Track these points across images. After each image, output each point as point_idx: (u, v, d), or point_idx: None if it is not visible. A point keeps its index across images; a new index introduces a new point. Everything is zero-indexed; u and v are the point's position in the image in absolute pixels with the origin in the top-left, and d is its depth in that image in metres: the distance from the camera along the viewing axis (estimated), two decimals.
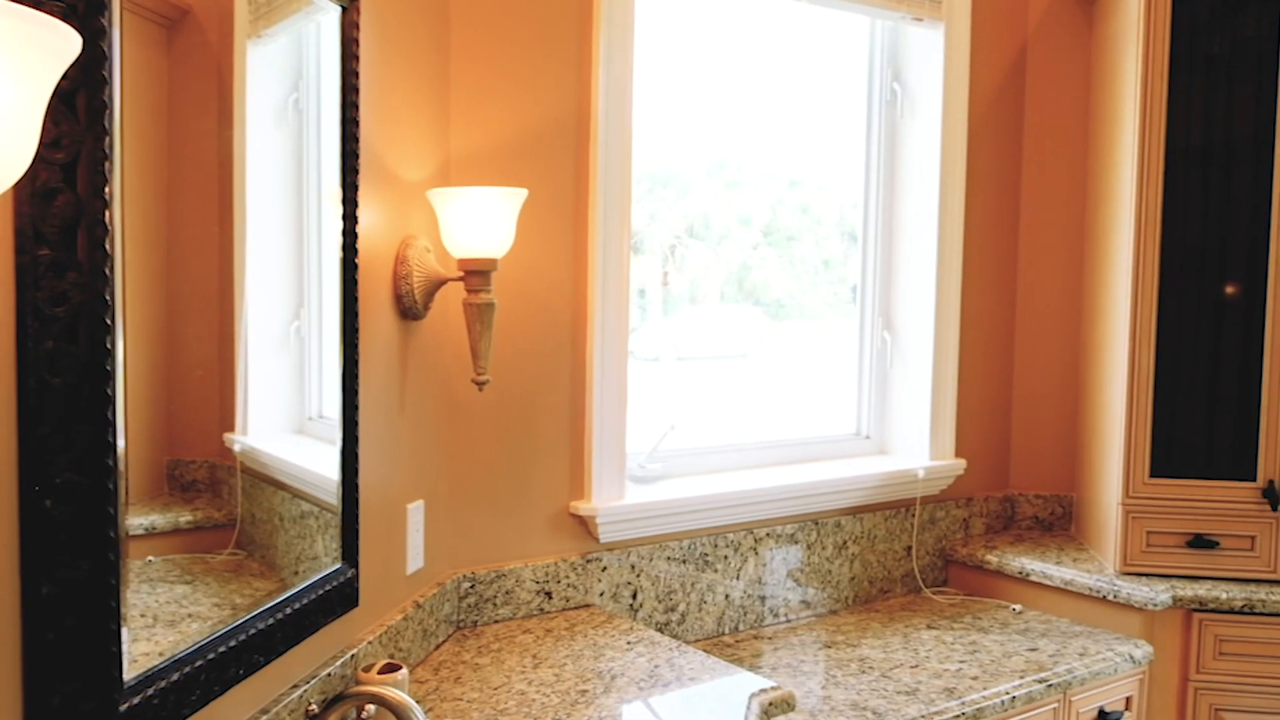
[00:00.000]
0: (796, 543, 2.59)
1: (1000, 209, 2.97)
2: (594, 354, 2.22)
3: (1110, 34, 2.74)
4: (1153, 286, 2.51)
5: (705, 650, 2.32)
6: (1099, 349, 2.78)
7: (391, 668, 1.64)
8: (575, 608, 2.25)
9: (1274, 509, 2.50)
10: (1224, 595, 2.45)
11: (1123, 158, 2.59)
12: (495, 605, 2.15)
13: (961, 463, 2.85)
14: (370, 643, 1.73)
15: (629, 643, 2.05)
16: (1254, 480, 2.51)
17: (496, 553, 2.17)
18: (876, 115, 2.83)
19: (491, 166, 2.09)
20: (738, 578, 2.49)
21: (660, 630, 2.36)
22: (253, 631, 1.37)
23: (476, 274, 1.83)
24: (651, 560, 2.34)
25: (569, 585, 2.24)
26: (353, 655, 1.67)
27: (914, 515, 2.81)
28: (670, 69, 2.61)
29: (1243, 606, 2.44)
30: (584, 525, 2.26)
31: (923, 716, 2.03)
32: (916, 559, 2.84)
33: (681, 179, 2.79)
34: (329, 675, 1.59)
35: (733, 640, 2.45)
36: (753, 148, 2.88)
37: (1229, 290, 2.57)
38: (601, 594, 2.28)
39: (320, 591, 1.57)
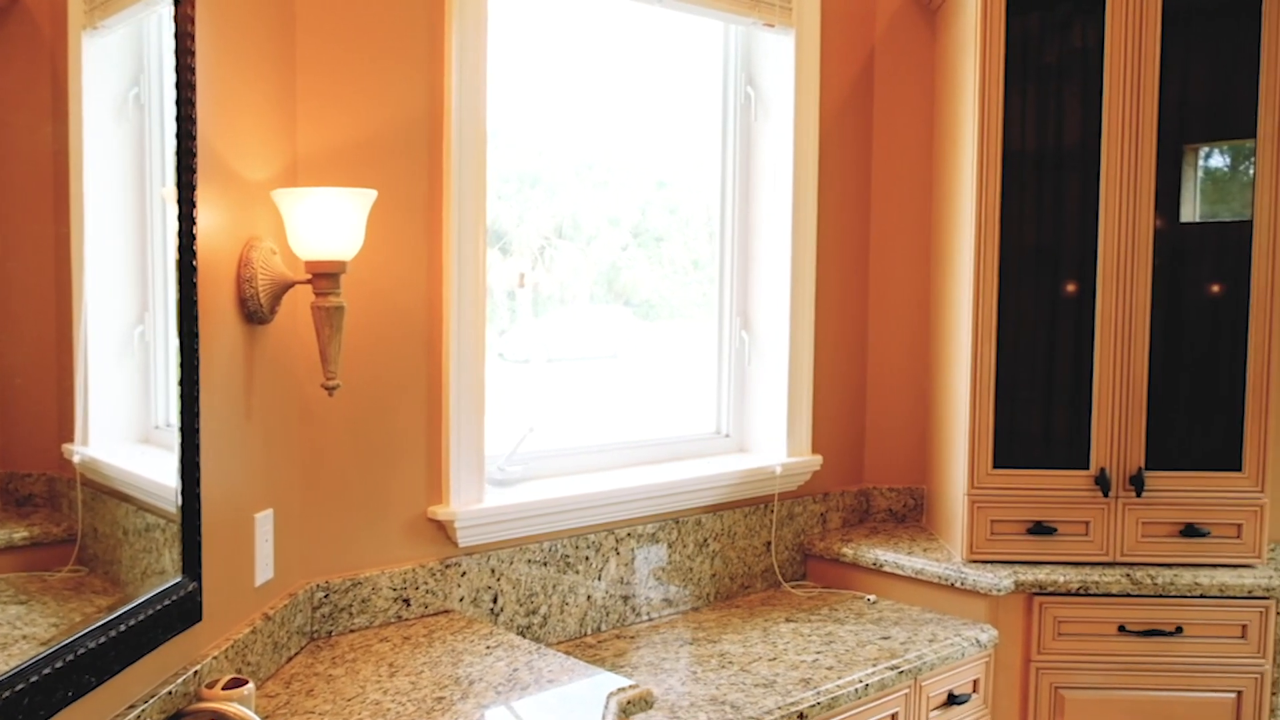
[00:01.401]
0: (658, 542, 2.61)
1: (851, 210, 3.06)
2: (450, 356, 2.19)
3: (951, 43, 2.86)
4: (992, 286, 2.63)
5: (567, 652, 2.32)
6: (945, 346, 2.89)
7: (237, 683, 1.59)
8: (434, 614, 2.22)
9: (1105, 495, 2.64)
10: (1061, 578, 2.58)
11: (963, 161, 2.71)
12: (351, 614, 2.11)
13: (818, 459, 2.93)
14: (215, 658, 1.67)
15: (488, 647, 2.03)
16: (1087, 469, 2.65)
17: (352, 560, 2.13)
18: (731, 118, 2.88)
19: (342, 167, 2.04)
20: (600, 578, 2.50)
21: (522, 633, 2.35)
22: (82, 651, 1.31)
23: (325, 276, 1.79)
24: (512, 563, 2.33)
25: (428, 591, 2.21)
26: (196, 672, 1.61)
27: (773, 511, 2.87)
28: (537, 71, 2.61)
29: (1079, 588, 2.57)
30: (442, 530, 2.23)
31: (779, 708, 2.08)
32: (776, 554, 2.90)
33: (550, 180, 2.79)
34: (169, 694, 1.53)
35: (595, 641, 2.46)
36: (621, 149, 2.89)
37: (1063, 288, 2.71)
38: (461, 599, 2.26)
39: (159, 606, 1.50)
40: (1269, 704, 2.59)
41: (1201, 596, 2.58)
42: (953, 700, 2.47)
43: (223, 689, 1.57)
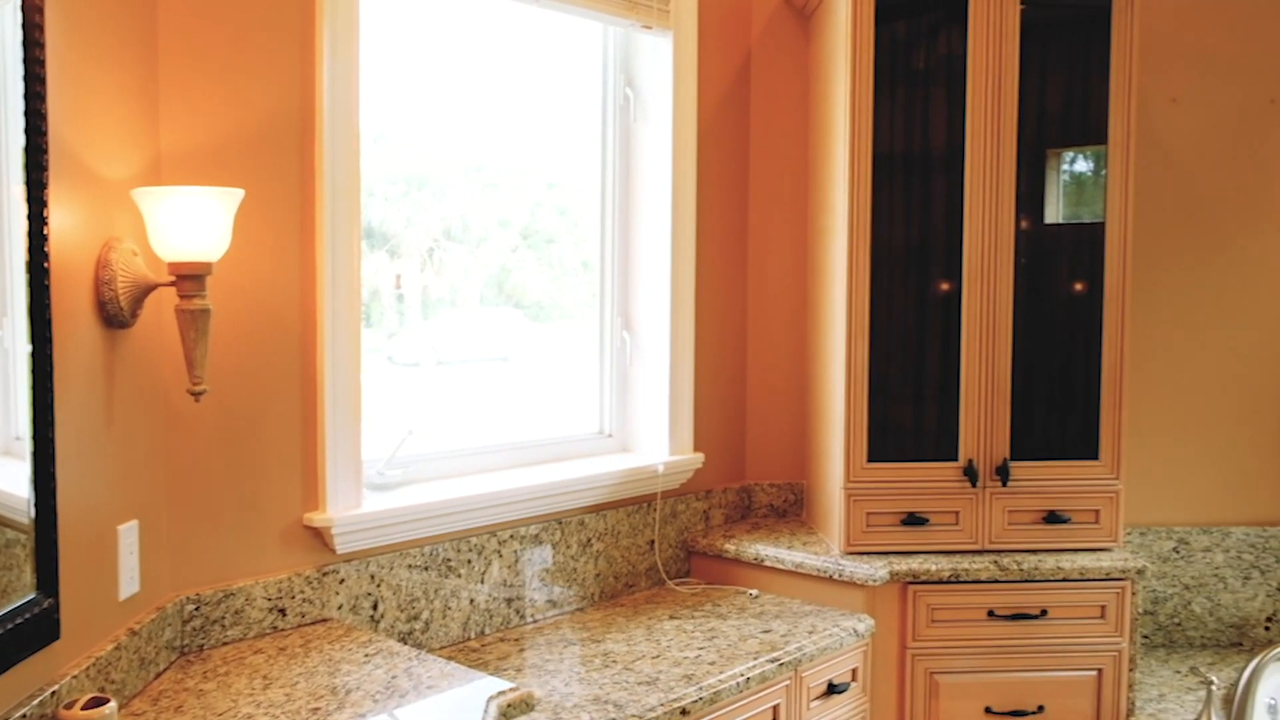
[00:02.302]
0: (541, 543, 2.61)
1: (730, 211, 3.10)
2: (325, 359, 2.15)
3: (823, 47, 2.93)
4: (865, 285, 2.70)
5: (450, 657, 2.30)
6: (821, 344, 2.96)
7: (98, 701, 1.52)
8: (312, 623, 2.17)
9: (974, 486, 2.74)
10: (934, 567, 2.66)
11: (835, 163, 2.77)
12: (223, 627, 2.05)
13: (700, 456, 2.97)
14: (75, 677, 1.60)
15: (367, 655, 2.00)
16: (956, 460, 2.75)
17: (224, 571, 2.06)
18: (611, 119, 2.90)
19: (208, 165, 1.98)
20: (482, 581, 2.48)
21: (404, 640, 2.32)
22: None
23: (189, 279, 1.73)
24: (392, 569, 2.29)
25: (304, 600, 2.16)
26: (53, 692, 1.54)
27: (656, 510, 2.89)
28: (424, 72, 2.57)
29: (950, 576, 2.66)
30: (319, 537, 2.18)
31: (662, 705, 2.09)
32: (660, 552, 2.92)
33: (439, 181, 2.75)
34: (23, 716, 1.46)
35: (479, 645, 2.44)
36: (511, 151, 2.88)
37: (932, 287, 2.79)
38: (340, 607, 2.21)
39: (11, 625, 1.43)
40: (1127, 679, 2.72)
41: (1064, 580, 2.69)
42: (832, 690, 2.53)
43: (82, 709, 1.51)
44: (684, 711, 2.11)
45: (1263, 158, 3.20)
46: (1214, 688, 2.70)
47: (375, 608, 2.27)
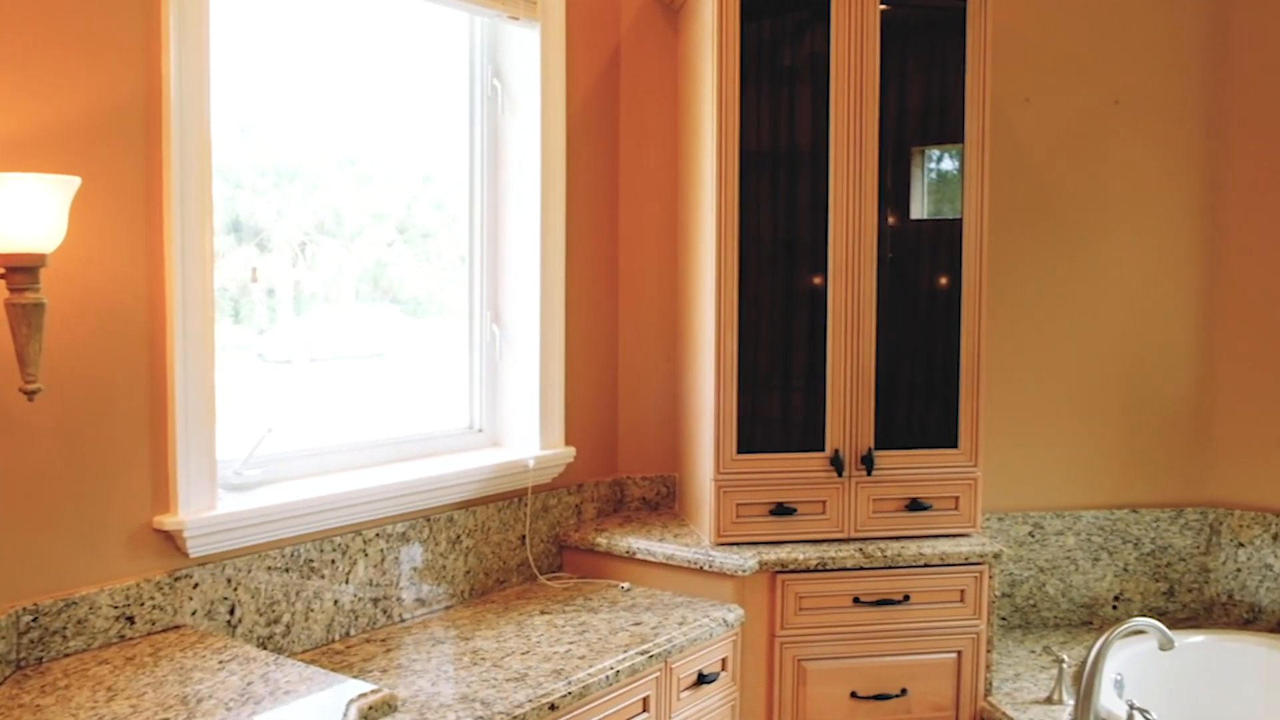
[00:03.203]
0: (409, 541, 2.56)
1: (600, 204, 3.10)
2: (176, 356, 2.06)
3: (691, 42, 2.95)
4: (733, 278, 2.73)
5: (312, 660, 2.24)
6: (692, 337, 2.98)
7: None
8: (163, 630, 2.08)
9: (840, 475, 2.80)
10: (801, 556, 2.71)
11: (704, 158, 2.79)
12: (65, 638, 1.95)
13: (571, 450, 2.96)
14: None
15: (221, 661, 1.93)
16: (823, 451, 2.80)
17: (65, 579, 1.96)
18: (479, 110, 2.86)
19: (43, 151, 1.87)
20: (347, 582, 2.42)
21: (263, 645, 2.24)
22: None
23: (20, 271, 1.64)
24: (250, 571, 2.22)
25: (155, 607, 2.07)
26: None
27: (527, 505, 2.87)
28: (295, 61, 2.49)
29: (817, 564, 2.71)
30: (171, 540, 2.09)
31: (530, 701, 2.08)
32: (531, 547, 2.90)
33: (311, 174, 2.66)
34: None
35: (344, 647, 2.38)
36: (384, 143, 2.81)
37: (799, 281, 2.84)
38: (194, 613, 2.13)
39: None
40: (985, 660, 2.82)
41: (925, 566, 2.77)
42: (702, 680, 2.55)
43: None
44: (553, 707, 2.10)
45: (1108, 157, 3.36)
46: (1065, 665, 2.82)
47: (232, 612, 2.20)
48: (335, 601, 2.40)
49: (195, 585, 2.13)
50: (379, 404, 2.88)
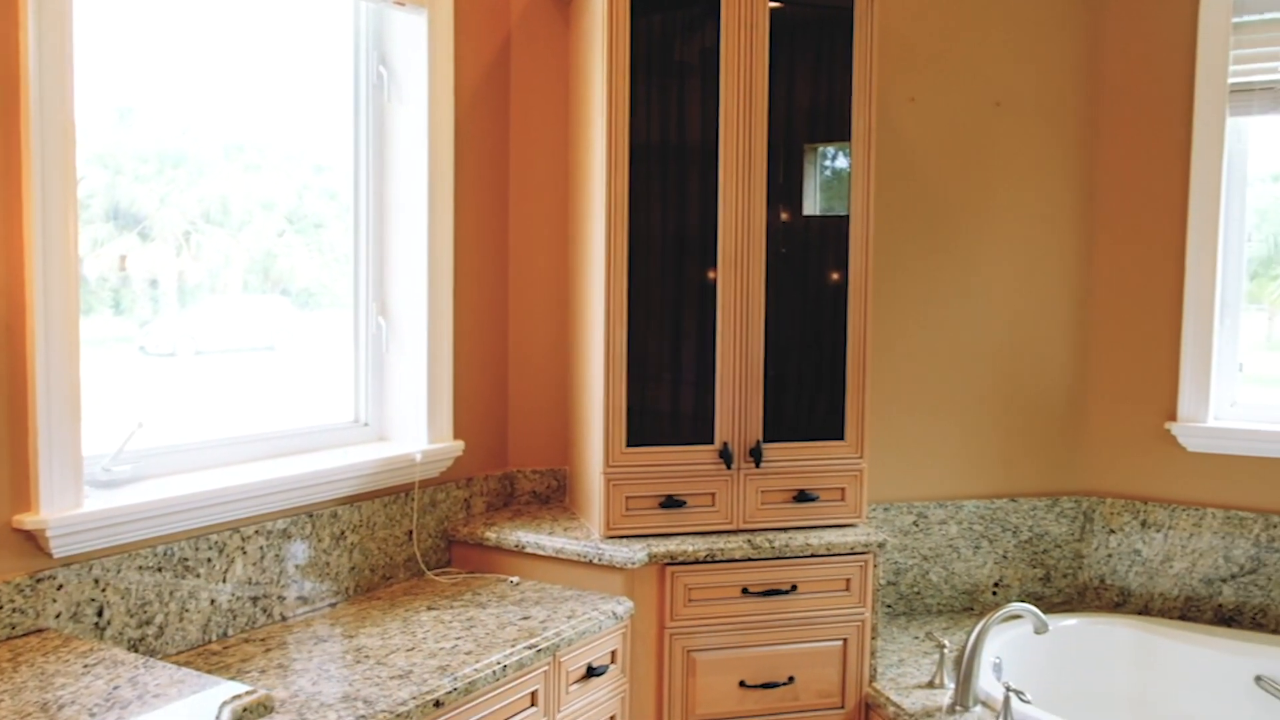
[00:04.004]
0: (290, 537, 2.50)
1: (490, 195, 3.07)
2: (37, 348, 1.96)
3: (582, 35, 2.93)
4: (623, 271, 2.73)
5: (188, 662, 2.17)
6: (582, 330, 2.97)
7: None
8: (24, 634, 1.99)
9: (729, 468, 2.83)
10: (691, 548, 2.73)
11: (594, 151, 2.79)
12: None
13: (460, 444, 2.92)
14: None
15: (86, 665, 1.85)
16: (712, 443, 2.82)
17: None
18: (364, 98, 2.80)
19: None
20: (224, 580, 2.35)
21: (134, 647, 2.16)
22: None
23: None
24: (120, 572, 2.14)
25: (15, 610, 1.97)
26: None
27: (414, 499, 2.83)
28: (176, 43, 2.39)
29: (706, 556, 2.73)
30: (33, 540, 2.00)
31: (414, 698, 2.04)
32: (418, 543, 2.86)
33: (196, 160, 2.57)
34: None
35: (221, 648, 2.31)
36: (274, 130, 2.72)
37: (689, 275, 2.85)
38: (58, 615, 2.04)
39: None
40: (869, 647, 2.88)
41: (812, 556, 2.82)
42: (592, 672, 2.55)
43: None
44: (438, 703, 2.07)
45: (989, 157, 3.46)
46: (946, 650, 2.90)
47: (100, 614, 2.11)
48: (212, 601, 2.32)
49: (59, 587, 2.04)
50: (267, 398, 2.80)
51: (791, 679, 2.82)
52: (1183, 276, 3.39)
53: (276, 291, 2.81)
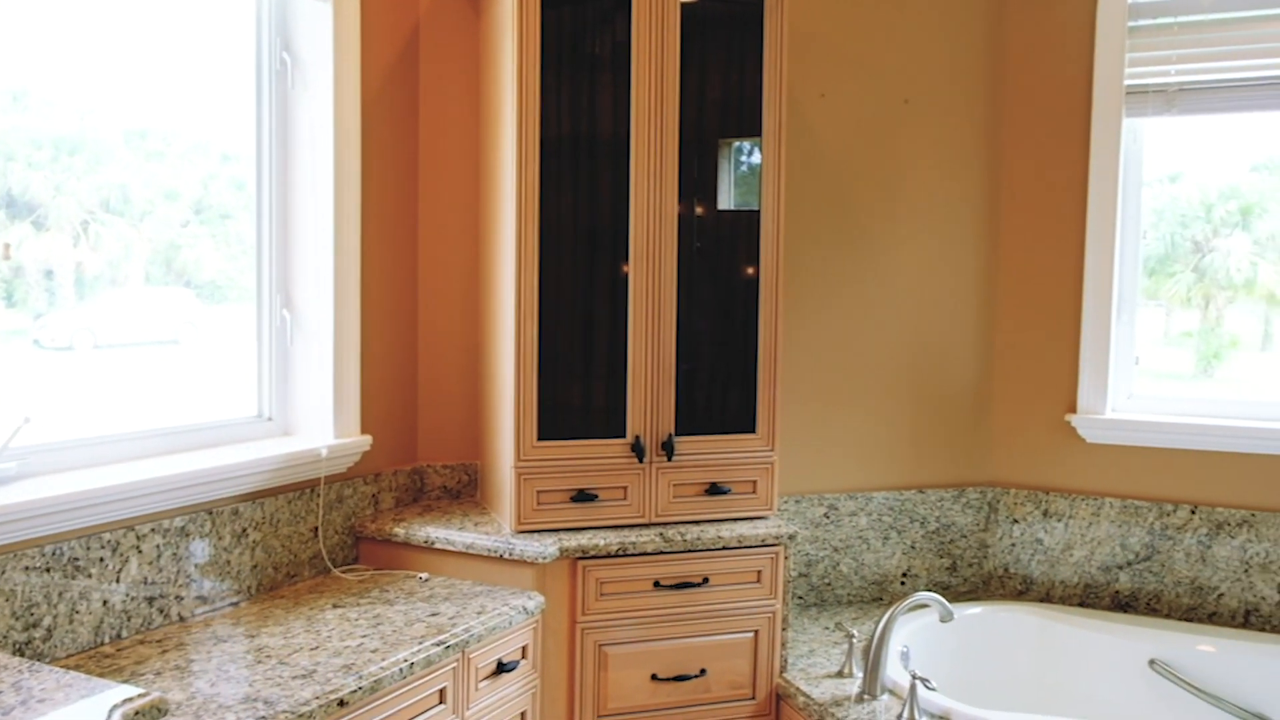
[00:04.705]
0: (189, 535, 2.42)
1: (399, 187, 3.02)
2: None
3: (492, 25, 2.90)
4: (534, 265, 2.71)
5: (78, 665, 2.10)
6: (493, 324, 2.94)
7: None
8: None
9: (640, 461, 2.82)
10: (602, 542, 2.72)
11: (505, 144, 2.76)
12: None
13: (368, 439, 2.87)
14: None
15: None
16: (624, 437, 2.82)
17: None
18: (267, 85, 2.73)
19: None
20: (118, 581, 2.27)
21: (20, 651, 2.08)
22: None
23: None
24: (4, 573, 2.05)
25: None
26: None
27: (320, 495, 2.77)
28: (73, 25, 2.29)
29: (618, 550, 2.73)
30: None
31: (317, 698, 2.00)
32: (324, 539, 2.80)
33: (94, 147, 2.47)
34: None
35: (114, 650, 2.23)
36: (178, 117, 2.63)
37: (601, 269, 2.84)
38: None
39: None
40: (780, 638, 2.91)
41: (724, 548, 2.83)
42: (502, 668, 2.53)
43: None
44: (342, 703, 2.04)
45: (898, 153, 3.51)
46: (855, 640, 2.94)
47: None
48: (105, 602, 2.25)
49: None
50: (170, 394, 2.72)
51: (703, 671, 2.84)
52: (1082, 273, 3.49)
53: (181, 284, 2.73)
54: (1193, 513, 3.37)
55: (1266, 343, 3.68)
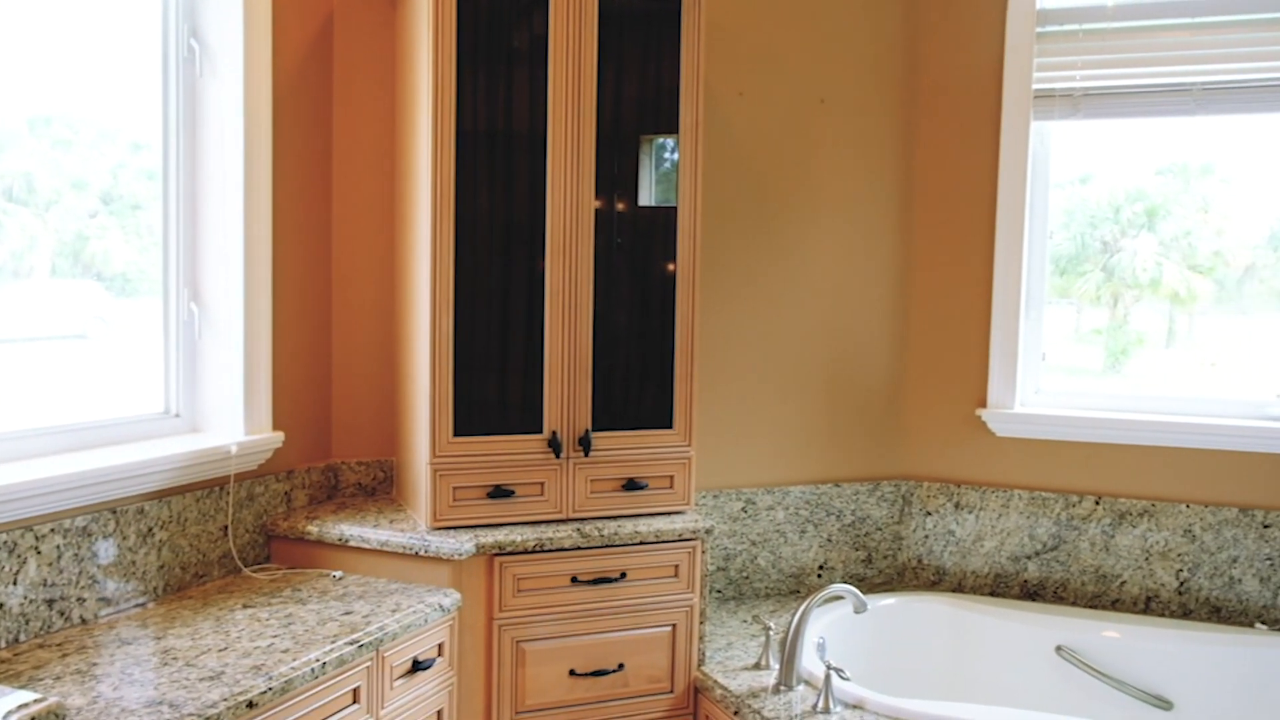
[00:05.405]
0: (91, 535, 2.36)
1: (313, 179, 2.97)
2: None
3: (408, 17, 2.87)
4: (449, 259, 2.68)
5: None
6: (409, 318, 2.91)
7: None
8: None
9: (558, 457, 2.82)
10: (520, 538, 2.71)
11: (420, 137, 2.73)
12: None
13: (280, 435, 2.82)
14: None
15: None
16: (541, 433, 2.81)
17: None
18: (174, 72, 2.66)
19: None
20: (15, 583, 2.19)
21: None
22: None
23: None
24: None
25: None
26: None
27: (230, 493, 2.72)
28: None
29: (535, 546, 2.72)
30: None
31: (225, 700, 1.96)
32: (234, 538, 2.75)
33: None
34: None
35: (11, 655, 2.16)
36: (87, 104, 2.55)
37: (518, 264, 2.82)
38: None
39: None
40: (698, 632, 2.93)
41: (641, 543, 2.84)
42: (418, 666, 2.51)
43: None
44: (251, 704, 2.00)
45: (815, 152, 3.56)
46: (771, 633, 2.97)
47: None
48: (1, 605, 2.17)
49: None
50: (76, 390, 2.64)
51: (621, 666, 2.84)
52: (992, 270, 3.57)
53: (90, 276, 2.66)
54: (1097, 503, 3.48)
55: (1170, 340, 3.82)
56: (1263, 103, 3.37)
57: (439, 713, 2.61)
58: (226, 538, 2.72)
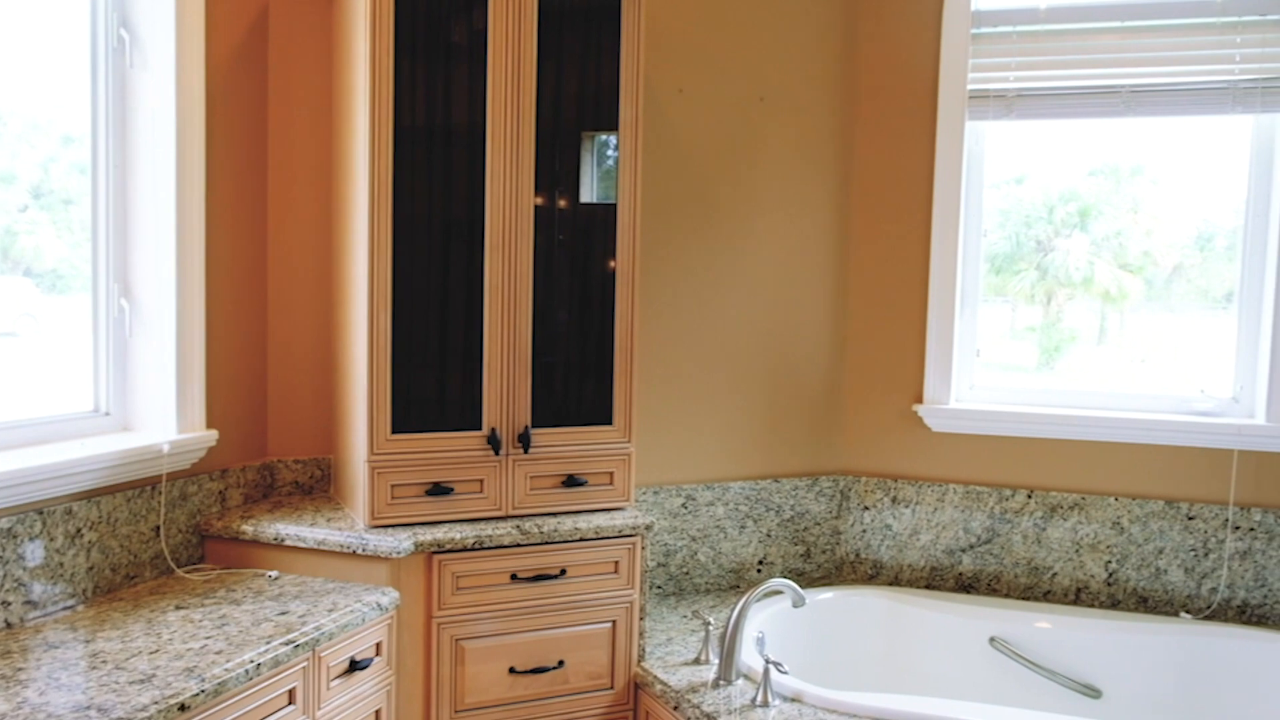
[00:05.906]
0: (16, 537, 2.30)
1: (247, 173, 2.93)
2: None
3: (345, 10, 2.84)
4: (387, 255, 2.66)
5: None
6: (346, 315, 2.88)
7: None
8: None
9: (497, 454, 2.81)
10: (459, 535, 2.70)
11: (357, 132, 2.70)
12: None
13: (214, 434, 2.78)
14: None
15: None
16: (480, 429, 2.80)
17: None
18: (104, 63, 2.60)
19: None
20: None
21: None
22: None
23: None
24: None
25: None
26: None
27: (161, 493, 2.67)
28: None
29: (474, 543, 2.71)
30: None
31: (156, 703, 1.93)
32: (167, 539, 2.70)
33: None
34: None
35: None
36: (14, 95, 2.48)
37: (457, 260, 2.81)
38: None
39: None
40: (638, 628, 2.94)
41: (581, 540, 2.85)
42: (355, 666, 2.49)
43: None
44: (183, 707, 1.97)
45: (755, 150, 3.58)
46: (711, 627, 2.99)
47: None
48: None
49: None
50: (4, 389, 2.58)
51: (561, 663, 2.84)
52: (928, 268, 3.63)
53: (19, 273, 2.60)
54: (1029, 497, 3.55)
55: (1102, 337, 3.90)
56: (1190, 105, 3.46)
57: (377, 713, 2.60)
58: (159, 538, 2.67)
